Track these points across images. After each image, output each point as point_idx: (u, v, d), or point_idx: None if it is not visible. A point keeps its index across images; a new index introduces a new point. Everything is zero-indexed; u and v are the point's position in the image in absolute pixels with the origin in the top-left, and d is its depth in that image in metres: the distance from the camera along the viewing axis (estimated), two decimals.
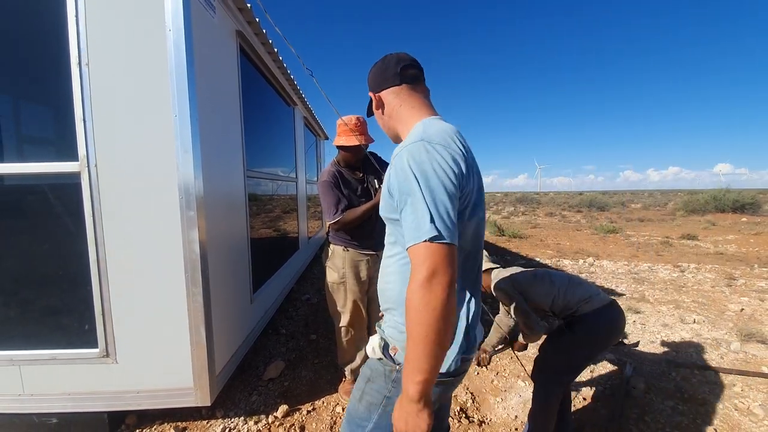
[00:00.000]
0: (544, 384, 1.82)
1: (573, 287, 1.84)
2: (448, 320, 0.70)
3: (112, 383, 1.95)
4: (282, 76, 3.80)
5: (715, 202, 15.51)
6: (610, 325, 1.73)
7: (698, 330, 3.42)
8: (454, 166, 0.78)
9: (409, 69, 1.00)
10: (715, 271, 5.73)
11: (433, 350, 0.69)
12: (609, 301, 1.77)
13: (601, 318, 1.72)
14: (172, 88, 1.76)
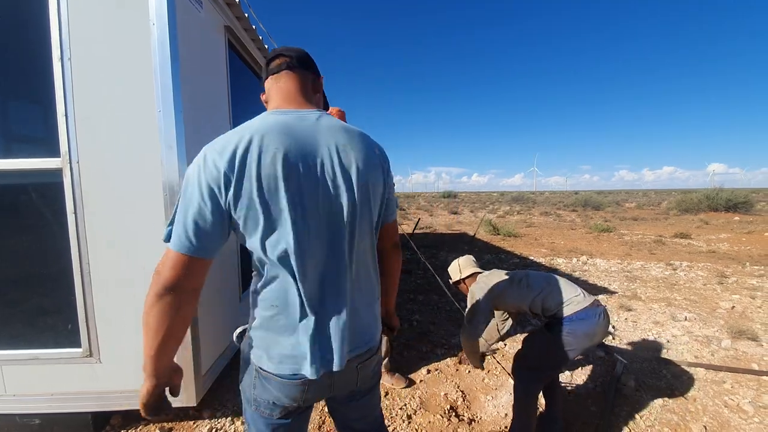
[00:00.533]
0: (522, 379, 1.84)
1: (551, 290, 1.84)
2: (152, 318, 0.75)
3: (95, 383, 1.91)
4: None
5: (709, 201, 15.63)
6: (589, 329, 1.71)
7: (689, 327, 3.43)
8: (221, 167, 0.74)
9: (273, 60, 0.95)
10: (707, 269, 5.77)
11: (146, 338, 0.77)
12: (590, 303, 1.75)
13: (580, 321, 1.71)
14: (155, 83, 1.72)
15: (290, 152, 0.78)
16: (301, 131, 0.83)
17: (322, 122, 0.87)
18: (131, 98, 1.76)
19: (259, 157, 0.76)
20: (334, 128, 0.87)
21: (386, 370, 2.41)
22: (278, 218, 0.78)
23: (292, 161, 0.78)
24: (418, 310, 3.88)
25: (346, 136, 0.87)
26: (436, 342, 3.08)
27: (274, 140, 0.78)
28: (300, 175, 0.79)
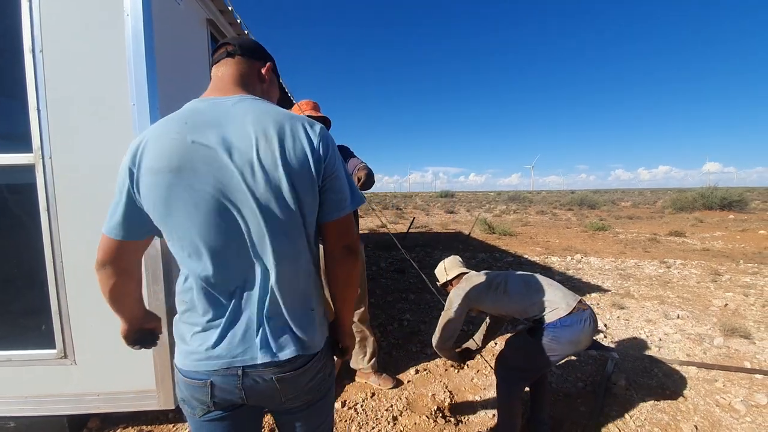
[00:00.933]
0: (504, 380, 1.80)
1: (530, 295, 1.77)
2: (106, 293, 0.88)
3: (71, 385, 1.86)
4: None
5: (703, 200, 15.69)
6: (573, 335, 1.65)
7: (682, 325, 3.40)
8: (127, 161, 0.79)
9: (217, 50, 0.92)
10: (701, 267, 5.76)
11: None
12: (575, 308, 1.67)
13: (564, 328, 1.64)
14: (129, 77, 1.67)
15: (185, 142, 0.75)
16: (206, 119, 0.78)
17: (238, 107, 0.80)
18: (105, 92, 1.70)
19: (151, 150, 0.75)
20: (252, 113, 0.79)
21: (373, 370, 2.36)
22: (175, 215, 0.76)
23: (186, 152, 0.74)
24: (409, 309, 3.84)
25: (266, 121, 0.79)
26: (426, 342, 3.03)
27: (171, 131, 0.76)
28: (195, 167, 0.74)
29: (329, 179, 0.84)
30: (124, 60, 1.67)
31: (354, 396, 2.27)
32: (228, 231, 0.76)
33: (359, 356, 2.34)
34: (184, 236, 0.77)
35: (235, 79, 0.88)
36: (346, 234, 0.89)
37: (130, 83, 1.67)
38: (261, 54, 0.96)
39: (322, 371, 0.90)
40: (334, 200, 0.85)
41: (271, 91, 0.99)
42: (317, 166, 0.80)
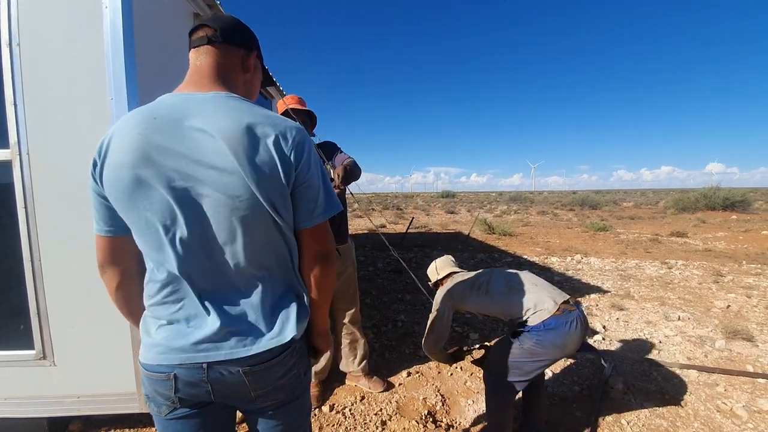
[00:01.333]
0: (492, 387, 1.72)
1: (512, 295, 1.69)
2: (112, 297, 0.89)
3: (50, 387, 1.81)
4: None
5: (706, 200, 15.55)
6: (558, 339, 1.56)
7: (682, 327, 3.33)
8: (94, 156, 0.78)
9: (195, 31, 0.85)
10: (703, 268, 5.67)
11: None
12: (561, 308, 1.58)
13: (548, 331, 1.55)
14: (108, 70, 1.62)
15: (150, 139, 0.73)
16: (175, 116, 0.75)
17: (210, 106, 0.77)
18: (84, 86, 1.65)
19: (116, 145, 0.74)
20: (224, 114, 0.76)
21: (364, 373, 2.30)
22: (139, 210, 0.75)
23: (151, 149, 0.72)
24: (404, 310, 3.78)
25: (237, 123, 0.75)
26: (419, 344, 2.95)
27: (138, 126, 0.74)
28: (159, 164, 0.72)
29: (301, 187, 0.81)
30: (102, 54, 1.62)
31: (343, 399, 2.21)
32: (193, 225, 0.75)
33: (350, 358, 2.28)
34: (148, 230, 0.76)
35: (213, 71, 0.83)
36: (320, 241, 0.87)
37: (109, 77, 1.63)
38: (246, 39, 0.88)
39: (295, 368, 0.87)
40: (307, 209, 0.83)
41: (254, 81, 0.94)
42: (287, 173, 0.77)
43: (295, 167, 0.78)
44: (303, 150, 0.80)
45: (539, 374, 1.69)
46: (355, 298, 2.19)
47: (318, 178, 0.84)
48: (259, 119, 0.78)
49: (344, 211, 2.14)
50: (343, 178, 1.72)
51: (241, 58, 0.88)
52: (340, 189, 1.76)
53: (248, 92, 0.93)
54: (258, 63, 0.95)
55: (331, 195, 0.88)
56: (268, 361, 0.80)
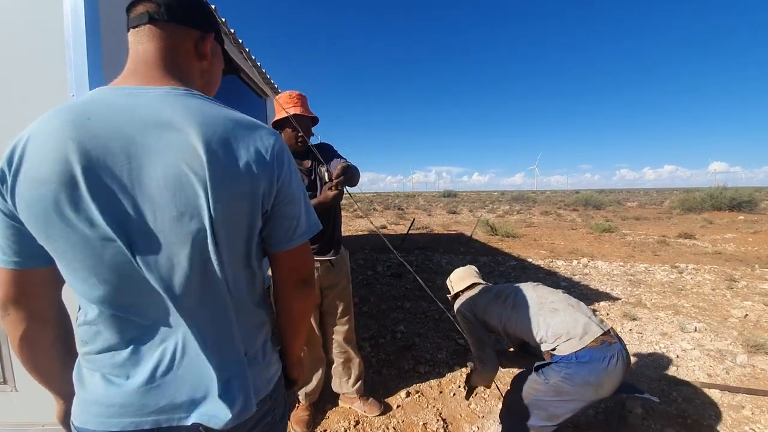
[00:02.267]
0: (510, 430, 1.50)
1: (542, 314, 1.45)
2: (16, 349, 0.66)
3: (12, 414, 1.65)
4: (247, 63, 3.47)
5: (712, 200, 15.30)
6: (592, 376, 1.31)
7: (700, 340, 3.13)
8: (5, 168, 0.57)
9: (131, 7, 0.67)
10: (715, 272, 5.46)
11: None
12: (598, 339, 1.34)
13: (581, 365, 1.31)
14: (68, 63, 1.44)
15: (82, 147, 0.54)
16: (115, 119, 0.57)
17: (162, 106, 0.60)
18: (44, 80, 1.48)
19: (34, 153, 0.55)
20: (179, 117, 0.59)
21: (359, 395, 2.11)
22: (57, 236, 0.56)
23: (83, 160, 0.54)
24: (403, 320, 3.58)
25: (197, 129, 0.58)
26: (419, 358, 2.78)
27: (61, 130, 0.55)
28: (92, 180, 0.55)
29: (280, 205, 0.68)
30: (62, 42, 1.44)
31: (335, 424, 2.02)
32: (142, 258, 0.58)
33: (343, 379, 2.09)
34: (79, 261, 0.58)
35: (161, 58, 0.66)
36: (301, 265, 0.75)
37: (69, 70, 1.45)
38: (199, 16, 0.71)
39: (270, 414, 0.72)
40: (286, 228, 0.70)
41: (213, 70, 0.76)
42: (265, 190, 0.64)
43: (276, 181, 0.66)
44: (284, 161, 0.68)
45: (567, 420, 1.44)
46: (348, 314, 2.00)
47: (300, 192, 0.72)
48: (228, 126, 0.61)
49: (339, 218, 1.95)
50: (342, 176, 1.53)
51: (195, 41, 0.70)
52: (337, 190, 1.57)
53: (207, 84, 0.75)
54: (217, 47, 0.77)
55: (311, 212, 0.74)
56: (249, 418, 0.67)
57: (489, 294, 1.70)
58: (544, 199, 34.09)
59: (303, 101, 1.79)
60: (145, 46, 0.66)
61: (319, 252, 1.83)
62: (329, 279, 1.88)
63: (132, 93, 0.60)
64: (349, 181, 1.64)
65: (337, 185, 1.57)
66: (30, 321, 0.65)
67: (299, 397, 2.04)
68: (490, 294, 1.71)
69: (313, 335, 1.95)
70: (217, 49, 0.77)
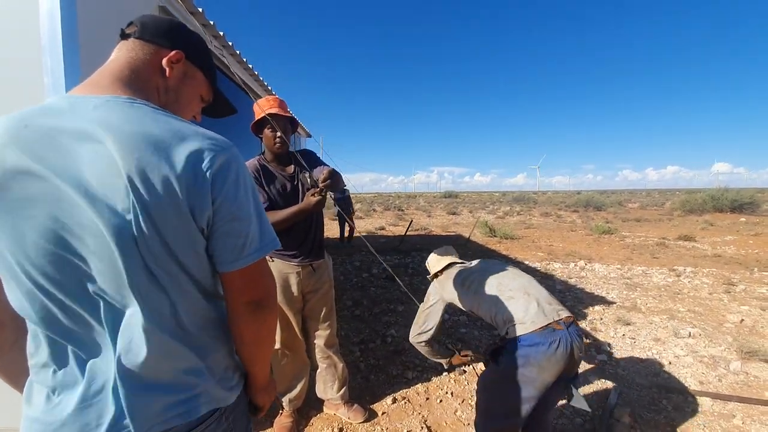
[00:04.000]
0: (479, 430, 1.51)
1: (500, 300, 1.50)
2: None
3: None
4: (239, 68, 3.47)
5: (714, 202, 15.20)
6: (534, 358, 1.35)
7: (694, 345, 3.09)
8: None
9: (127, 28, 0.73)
10: (713, 276, 5.42)
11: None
12: (547, 323, 1.39)
13: (525, 348, 1.36)
14: (45, 66, 1.43)
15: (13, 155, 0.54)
16: (51, 127, 0.57)
17: (97, 115, 0.59)
18: (20, 86, 1.47)
19: None
20: (112, 126, 0.57)
21: (343, 401, 2.09)
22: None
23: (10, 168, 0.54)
24: (395, 323, 3.56)
25: (129, 140, 0.57)
26: (408, 363, 2.76)
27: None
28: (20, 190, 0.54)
29: (222, 222, 0.64)
30: (38, 47, 1.43)
31: (319, 431, 2.01)
32: (67, 269, 0.57)
33: (327, 384, 2.07)
34: (6, 272, 0.58)
35: (120, 69, 0.67)
36: (253, 287, 0.70)
37: (46, 76, 1.44)
38: (172, 37, 0.73)
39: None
40: (233, 246, 0.66)
41: (181, 91, 0.75)
42: (195, 205, 0.60)
43: (216, 197, 0.62)
44: (228, 175, 0.64)
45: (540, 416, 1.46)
46: (330, 319, 1.98)
47: (251, 207, 0.68)
48: (162, 131, 0.59)
49: (321, 222, 1.93)
50: (327, 181, 1.52)
51: (166, 59, 0.71)
52: (321, 196, 1.56)
53: (172, 103, 0.74)
54: (194, 72, 0.77)
55: (266, 229, 0.70)
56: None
57: (457, 281, 1.74)
58: (546, 200, 34.00)
59: (281, 104, 1.78)
60: (115, 58, 0.69)
61: (301, 256, 1.82)
62: (311, 284, 1.87)
63: (75, 101, 0.60)
64: (334, 186, 1.63)
65: (321, 190, 1.55)
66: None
67: (283, 404, 2.03)
68: (458, 281, 1.75)
69: (296, 341, 1.93)
70: (193, 73, 0.77)
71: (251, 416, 0.84)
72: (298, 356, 1.98)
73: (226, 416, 0.71)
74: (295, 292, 1.84)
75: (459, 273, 1.78)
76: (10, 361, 0.69)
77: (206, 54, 0.81)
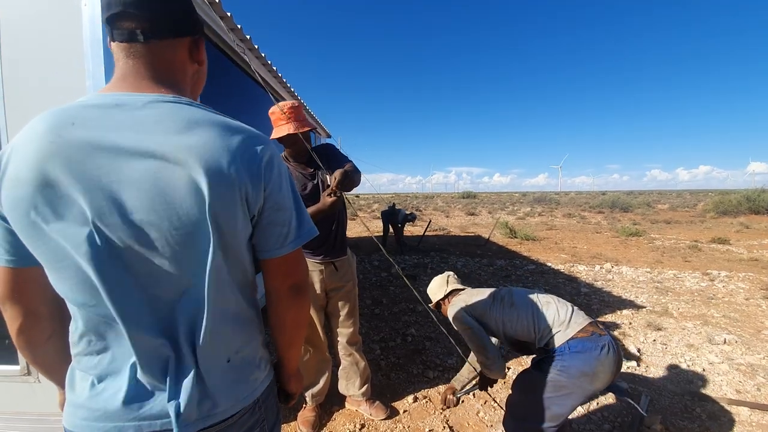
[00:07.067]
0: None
1: (539, 308, 1.50)
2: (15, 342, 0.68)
3: (35, 404, 1.74)
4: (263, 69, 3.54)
5: (749, 203, 14.43)
6: (586, 365, 1.32)
7: (729, 353, 2.95)
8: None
9: (119, 20, 0.63)
10: (750, 281, 5.14)
11: None
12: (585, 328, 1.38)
13: (574, 355, 1.33)
14: (87, 69, 1.52)
15: (63, 150, 0.55)
16: (100, 125, 0.58)
17: (150, 113, 0.60)
18: (63, 87, 1.57)
19: (18, 155, 0.56)
20: (169, 122, 0.60)
21: (365, 398, 2.11)
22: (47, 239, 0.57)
23: (63, 163, 0.55)
24: (414, 323, 3.56)
25: (182, 138, 0.59)
26: (428, 363, 2.75)
27: (46, 133, 0.55)
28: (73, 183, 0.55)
29: (270, 211, 0.69)
30: (81, 52, 1.52)
31: (341, 426, 2.03)
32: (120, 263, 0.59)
33: (350, 381, 2.09)
34: (56, 262, 0.59)
35: (153, 71, 0.66)
36: (294, 272, 0.75)
37: (88, 79, 1.53)
38: (188, 23, 0.70)
39: (258, 426, 0.72)
40: (278, 234, 0.70)
41: (202, 74, 0.77)
42: (250, 195, 0.64)
43: (265, 187, 0.66)
44: (273, 166, 0.68)
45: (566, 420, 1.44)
46: (353, 318, 2.00)
47: (291, 198, 0.72)
48: (215, 129, 0.62)
49: (344, 219, 1.95)
50: (340, 182, 1.52)
51: (189, 48, 0.71)
52: (337, 196, 1.57)
53: (195, 84, 0.76)
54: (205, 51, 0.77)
55: (304, 218, 0.74)
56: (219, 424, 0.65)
57: (483, 299, 1.71)
58: (568, 200, 33.10)
59: (296, 114, 1.74)
60: (135, 61, 0.65)
61: (323, 255, 1.84)
62: (333, 282, 1.89)
63: (119, 101, 0.61)
64: (348, 186, 1.63)
65: (335, 192, 1.55)
66: (24, 317, 0.67)
67: (306, 398, 2.06)
68: (484, 298, 1.72)
69: (318, 337, 1.96)
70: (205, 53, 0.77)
71: (283, 404, 0.87)
72: (320, 352, 2.01)
73: (259, 406, 0.73)
74: (318, 289, 1.86)
75: (483, 294, 1.76)
76: (45, 353, 0.71)
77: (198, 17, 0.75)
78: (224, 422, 0.66)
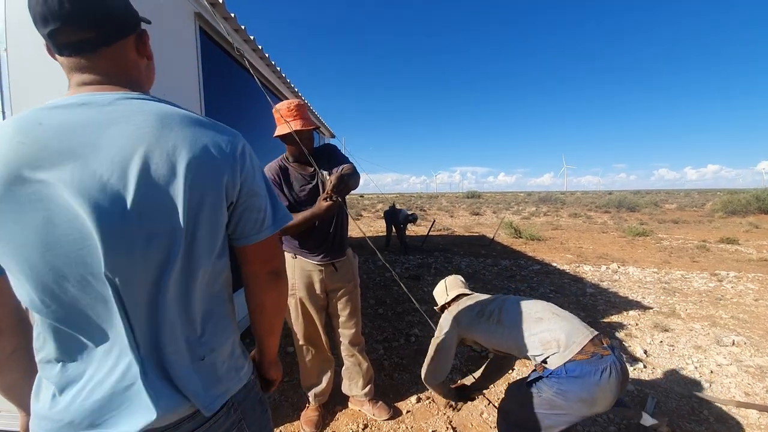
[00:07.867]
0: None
1: (529, 327, 1.42)
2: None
3: None
4: (267, 69, 3.57)
5: (759, 203, 14.22)
6: (584, 391, 1.25)
7: (738, 354, 2.91)
8: None
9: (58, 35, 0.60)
10: (759, 281, 5.06)
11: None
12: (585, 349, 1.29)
13: (573, 380, 1.26)
14: None
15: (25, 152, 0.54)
16: (65, 121, 0.57)
17: (119, 109, 0.60)
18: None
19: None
20: (140, 116, 0.60)
21: (368, 398, 2.11)
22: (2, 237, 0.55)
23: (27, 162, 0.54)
24: (418, 323, 3.55)
25: (157, 128, 0.59)
26: None
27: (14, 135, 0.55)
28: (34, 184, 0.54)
29: (246, 197, 0.70)
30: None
31: (344, 426, 2.03)
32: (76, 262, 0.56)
33: (353, 381, 2.10)
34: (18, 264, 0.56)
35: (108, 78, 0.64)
36: (273, 257, 0.78)
37: None
38: (129, 21, 0.67)
39: (235, 428, 0.70)
40: (254, 220, 0.72)
41: (152, 67, 0.75)
42: (231, 182, 0.66)
43: (240, 173, 0.67)
44: (245, 155, 0.70)
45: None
46: (355, 319, 1.99)
47: (263, 186, 0.74)
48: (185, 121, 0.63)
49: (344, 220, 1.94)
50: (335, 186, 1.51)
51: (135, 44, 0.68)
52: (333, 200, 1.54)
53: (149, 76, 0.74)
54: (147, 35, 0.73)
55: (278, 206, 0.76)
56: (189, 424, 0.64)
57: (472, 312, 1.67)
58: (574, 200, 32.85)
59: (302, 112, 1.73)
60: (89, 71, 0.63)
61: (322, 255, 1.83)
62: (333, 282, 1.89)
63: (86, 98, 0.60)
64: (344, 191, 1.61)
65: (331, 196, 1.54)
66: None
67: (309, 398, 2.07)
68: (473, 311, 1.68)
69: (319, 337, 1.96)
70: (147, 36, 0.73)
71: (264, 391, 0.87)
72: (321, 352, 2.01)
73: (235, 408, 0.71)
74: (318, 290, 1.86)
75: (474, 305, 1.71)
76: (5, 369, 0.68)
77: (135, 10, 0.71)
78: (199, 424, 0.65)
